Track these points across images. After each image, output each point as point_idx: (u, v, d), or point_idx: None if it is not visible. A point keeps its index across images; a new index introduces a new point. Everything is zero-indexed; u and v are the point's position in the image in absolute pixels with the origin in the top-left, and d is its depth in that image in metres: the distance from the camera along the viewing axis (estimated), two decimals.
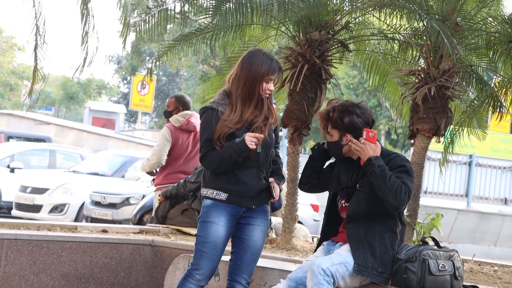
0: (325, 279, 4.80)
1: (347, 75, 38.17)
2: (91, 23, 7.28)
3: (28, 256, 6.40)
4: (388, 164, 5.04)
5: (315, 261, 4.88)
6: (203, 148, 5.14)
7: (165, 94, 58.88)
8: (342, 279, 4.89)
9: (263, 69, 5.09)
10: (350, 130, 5.12)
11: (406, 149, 32.14)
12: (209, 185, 5.18)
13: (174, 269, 6.00)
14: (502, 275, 6.51)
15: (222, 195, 5.13)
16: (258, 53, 5.16)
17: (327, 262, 4.85)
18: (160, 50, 8.33)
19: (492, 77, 8.30)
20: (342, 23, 7.67)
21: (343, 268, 4.89)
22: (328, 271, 4.82)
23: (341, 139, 5.17)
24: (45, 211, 16.01)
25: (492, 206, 20.95)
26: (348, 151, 5.18)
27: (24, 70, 56.98)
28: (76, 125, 34.11)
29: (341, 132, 5.15)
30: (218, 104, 5.15)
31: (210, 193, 5.16)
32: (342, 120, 5.12)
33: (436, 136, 7.37)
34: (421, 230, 7.35)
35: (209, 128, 5.12)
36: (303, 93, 7.43)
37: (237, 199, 5.14)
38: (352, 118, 5.11)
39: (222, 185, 5.13)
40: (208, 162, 5.11)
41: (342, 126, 5.13)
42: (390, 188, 4.89)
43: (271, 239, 7.63)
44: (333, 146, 5.23)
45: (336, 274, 4.85)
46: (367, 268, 4.93)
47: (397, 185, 4.90)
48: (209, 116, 5.14)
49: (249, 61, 5.12)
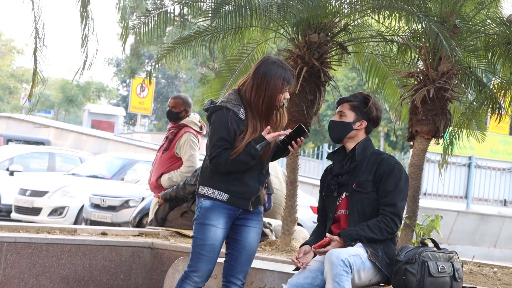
0: (344, 270, 4.81)
1: (346, 77, 38.21)
2: (90, 26, 7.29)
3: (28, 259, 6.40)
4: (379, 165, 5.12)
5: (333, 252, 4.87)
6: (216, 147, 5.04)
7: (164, 97, 58.89)
8: (357, 272, 4.91)
9: (279, 82, 5.07)
10: (370, 120, 5.26)
11: (405, 151, 32.18)
12: (210, 184, 5.14)
13: (173, 271, 6.00)
14: (501, 276, 6.51)
15: (223, 195, 5.11)
16: (272, 66, 5.09)
17: (345, 253, 4.87)
18: (159, 53, 8.33)
19: (491, 79, 8.31)
20: (341, 25, 7.68)
21: (359, 259, 4.91)
22: (347, 262, 4.83)
23: (354, 123, 5.23)
24: (45, 214, 16.01)
25: (492, 208, 20.96)
26: (352, 137, 5.23)
27: (23, 73, 57.00)
28: (75, 128, 34.12)
29: (358, 117, 5.23)
30: (233, 104, 5.10)
31: (211, 193, 5.13)
32: (371, 110, 5.23)
33: (435, 138, 7.38)
34: (421, 232, 7.35)
35: (223, 127, 5.04)
36: (302, 95, 7.44)
37: (237, 200, 5.13)
38: (378, 114, 5.30)
39: (224, 186, 5.10)
40: (220, 163, 5.04)
41: (365, 113, 5.23)
42: (380, 236, 5.02)
43: (271, 241, 7.63)
44: (339, 126, 5.27)
45: (353, 265, 4.87)
46: (378, 256, 4.98)
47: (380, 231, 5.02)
48: (224, 115, 5.06)
49: (265, 77, 5.06)
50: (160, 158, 8.61)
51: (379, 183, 5.11)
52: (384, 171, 5.12)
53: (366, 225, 5.03)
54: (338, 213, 5.25)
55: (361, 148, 5.23)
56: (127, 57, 38.22)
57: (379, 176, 5.12)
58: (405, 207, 5.14)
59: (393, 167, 5.13)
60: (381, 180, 5.11)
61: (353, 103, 5.28)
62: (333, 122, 5.31)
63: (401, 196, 5.09)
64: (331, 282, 4.81)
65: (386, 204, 5.06)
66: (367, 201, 5.12)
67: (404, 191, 5.13)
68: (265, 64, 5.12)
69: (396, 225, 5.05)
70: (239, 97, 5.14)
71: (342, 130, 5.26)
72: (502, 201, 21.28)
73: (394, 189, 5.08)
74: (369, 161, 5.18)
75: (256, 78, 5.09)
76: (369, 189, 5.12)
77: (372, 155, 5.22)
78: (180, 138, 8.45)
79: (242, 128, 5.08)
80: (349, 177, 5.21)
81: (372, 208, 5.11)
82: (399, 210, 5.07)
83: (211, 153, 5.07)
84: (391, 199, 5.06)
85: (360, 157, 5.21)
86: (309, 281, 5.03)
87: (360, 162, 5.20)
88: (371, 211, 5.11)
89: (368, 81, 8.55)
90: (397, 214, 5.05)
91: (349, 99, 5.31)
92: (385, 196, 5.08)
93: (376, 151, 5.26)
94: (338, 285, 4.79)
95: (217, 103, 5.15)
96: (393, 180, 5.09)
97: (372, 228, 5.02)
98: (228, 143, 5.04)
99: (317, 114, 7.63)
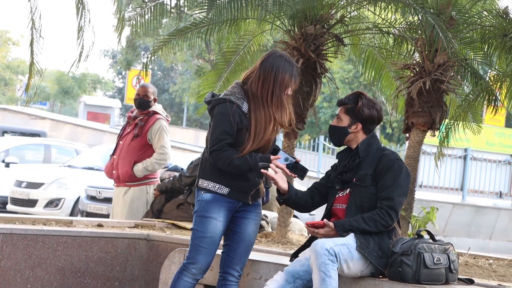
0: (329, 259, 4.82)
1: (342, 69, 38.19)
2: (86, 18, 7.26)
3: (24, 251, 6.40)
4: (380, 161, 5.12)
5: (318, 242, 4.89)
6: (217, 141, 5.01)
7: (160, 89, 58.83)
8: (345, 262, 4.91)
9: (286, 77, 5.07)
10: (364, 121, 5.21)
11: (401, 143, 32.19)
12: (211, 178, 5.13)
13: (169, 263, 6.00)
14: (497, 268, 6.53)
15: (224, 189, 5.11)
16: (280, 60, 5.09)
17: (331, 242, 4.88)
18: (155, 45, 8.32)
19: (487, 71, 8.31)
20: (337, 17, 7.67)
21: (345, 249, 4.91)
22: (332, 251, 4.84)
23: (349, 126, 5.22)
24: (41, 205, 15.99)
25: (487, 200, 21.01)
26: (351, 140, 5.22)
27: (19, 65, 56.91)
28: (71, 120, 34.08)
29: (352, 120, 5.21)
30: (237, 98, 5.07)
31: (212, 186, 5.12)
32: (362, 110, 5.19)
33: (431, 130, 7.39)
34: (416, 224, 7.36)
35: (226, 120, 5.00)
36: (298, 87, 7.40)
37: (237, 194, 5.14)
38: (372, 112, 5.22)
39: (225, 180, 5.10)
40: (220, 158, 5.02)
41: (357, 115, 5.20)
42: (373, 229, 5.01)
43: (267, 233, 7.64)
44: (336, 131, 5.27)
45: (340, 255, 4.87)
46: (368, 248, 4.97)
47: (374, 224, 5.00)
48: (227, 108, 5.03)
49: (272, 69, 5.05)
50: (129, 146, 8.39)
51: (378, 178, 5.11)
52: (384, 166, 5.11)
53: (361, 217, 5.04)
54: (335, 206, 5.25)
55: (365, 145, 5.22)
56: (123, 49, 38.13)
57: (379, 171, 5.12)
58: (403, 203, 5.12)
59: (393, 163, 5.12)
60: (380, 175, 5.11)
61: (347, 106, 5.25)
62: (331, 128, 5.32)
63: (399, 191, 5.08)
64: (317, 271, 4.82)
65: (383, 198, 5.06)
66: (366, 195, 5.12)
67: (403, 186, 5.11)
68: (272, 57, 5.11)
69: (391, 219, 5.04)
70: (242, 90, 5.12)
71: (340, 135, 5.27)
72: (497, 193, 21.34)
73: (392, 183, 5.07)
74: (372, 157, 5.19)
75: (263, 70, 5.08)
76: (368, 183, 5.11)
77: (377, 151, 5.21)
78: (153, 125, 8.30)
79: (244, 123, 5.05)
80: (353, 174, 5.21)
81: (371, 203, 5.10)
82: (396, 204, 5.05)
83: (212, 146, 5.05)
84: (389, 193, 5.06)
85: (364, 154, 5.20)
86: (304, 269, 5.05)
87: (364, 159, 5.20)
88: (369, 205, 5.10)
89: (364, 73, 8.54)
90: (394, 208, 5.04)
91: (344, 101, 5.29)
92: (383, 191, 5.08)
93: (380, 148, 5.24)
94: (324, 274, 4.80)
95: (220, 96, 5.13)
96: (392, 175, 5.09)
97: (366, 220, 5.02)
98: (231, 136, 5.02)
99: (313, 106, 7.63)
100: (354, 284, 5.09)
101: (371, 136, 5.27)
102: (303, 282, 5.06)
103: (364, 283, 5.07)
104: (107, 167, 8.60)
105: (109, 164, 8.58)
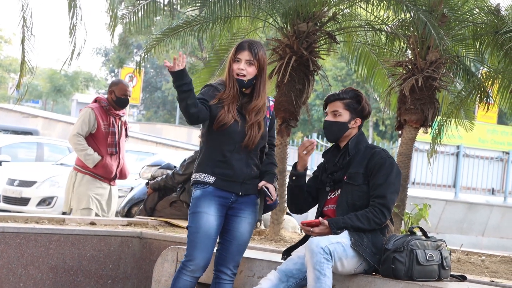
0: (324, 257, 4.83)
1: (334, 67, 38.24)
2: (78, 15, 7.26)
3: (16, 249, 6.39)
4: (371, 159, 5.14)
5: (313, 240, 4.90)
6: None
7: (153, 87, 58.78)
8: (339, 260, 4.92)
9: (232, 50, 5.26)
10: (364, 117, 5.29)
11: (394, 140, 32.23)
12: (198, 169, 5.25)
13: (162, 261, 6.00)
14: (489, 264, 6.55)
15: (210, 178, 5.18)
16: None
17: (325, 241, 4.88)
18: (148, 44, 8.31)
19: (479, 68, 8.32)
20: (329, 15, 7.68)
21: (340, 247, 4.92)
22: (327, 249, 4.84)
23: (349, 122, 5.23)
24: (33, 204, 15.95)
25: (480, 197, 21.05)
26: (348, 135, 5.23)
27: (11, 63, 56.73)
28: (63, 118, 34.01)
29: (352, 115, 5.24)
30: (218, 84, 5.30)
31: (198, 176, 5.21)
32: (365, 106, 5.26)
33: (424, 127, 7.40)
34: (409, 221, 7.38)
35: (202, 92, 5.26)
36: (291, 84, 7.44)
37: (224, 183, 5.18)
38: (370, 108, 5.33)
39: (210, 169, 5.18)
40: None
41: (359, 111, 5.24)
42: (367, 226, 5.03)
43: (260, 231, 7.65)
44: (336, 126, 5.26)
45: (334, 253, 4.88)
46: (362, 245, 4.98)
47: (367, 221, 5.03)
48: (206, 89, 5.29)
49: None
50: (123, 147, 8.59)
51: (370, 176, 5.12)
52: (375, 164, 5.12)
53: (354, 214, 5.05)
54: (326, 208, 5.26)
55: (354, 143, 5.24)
56: (116, 47, 38.13)
57: (370, 169, 5.13)
58: (395, 200, 5.14)
59: (384, 160, 5.13)
60: (372, 173, 5.12)
61: (346, 101, 5.25)
62: (328, 123, 5.29)
63: (391, 188, 5.09)
64: (312, 270, 4.83)
65: (376, 196, 5.07)
66: (358, 194, 5.13)
67: (395, 184, 5.13)
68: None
69: (384, 216, 5.06)
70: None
71: (339, 130, 5.26)
72: (490, 190, 21.37)
73: (384, 181, 5.08)
74: (362, 155, 5.19)
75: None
76: (360, 182, 5.13)
77: (366, 149, 5.23)
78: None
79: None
80: (343, 173, 5.22)
81: (362, 201, 5.11)
82: (389, 202, 5.07)
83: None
84: (381, 191, 5.07)
85: (353, 151, 5.22)
86: (298, 267, 5.06)
87: (353, 157, 5.21)
88: (361, 203, 5.11)
89: (357, 71, 8.55)
90: (386, 206, 5.06)
91: (341, 96, 5.28)
92: (375, 189, 5.09)
93: (369, 145, 5.27)
94: (319, 272, 4.81)
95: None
96: (384, 173, 5.10)
97: (359, 217, 5.03)
98: (204, 100, 5.18)
99: (305, 104, 7.63)
100: (348, 281, 5.10)
101: (359, 133, 5.29)
102: (296, 280, 5.07)
103: (357, 280, 5.08)
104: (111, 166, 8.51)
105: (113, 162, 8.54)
